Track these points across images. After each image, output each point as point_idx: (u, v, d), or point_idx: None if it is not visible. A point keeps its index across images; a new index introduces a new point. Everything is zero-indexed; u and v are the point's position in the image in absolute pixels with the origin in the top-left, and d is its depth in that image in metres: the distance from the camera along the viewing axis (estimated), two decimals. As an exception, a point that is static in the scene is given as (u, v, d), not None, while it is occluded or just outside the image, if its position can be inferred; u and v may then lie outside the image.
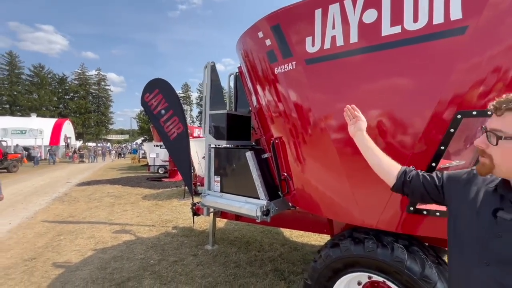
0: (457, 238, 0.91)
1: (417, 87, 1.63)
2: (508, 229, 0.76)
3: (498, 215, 0.79)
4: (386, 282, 1.83)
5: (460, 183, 0.98)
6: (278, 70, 2.29)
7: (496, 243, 0.77)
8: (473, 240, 0.84)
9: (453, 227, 0.93)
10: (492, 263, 0.77)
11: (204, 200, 3.26)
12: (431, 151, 1.58)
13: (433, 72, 1.57)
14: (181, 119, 4.90)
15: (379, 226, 1.79)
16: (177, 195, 8.17)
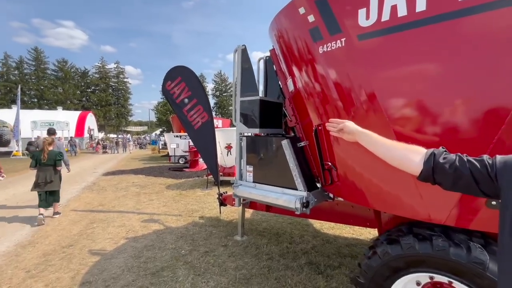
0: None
1: (499, 61, 1.37)
2: None
3: None
4: (453, 284, 1.64)
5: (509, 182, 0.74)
6: (323, 48, 2.07)
7: None
8: None
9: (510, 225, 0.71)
10: None
11: (236, 191, 3.15)
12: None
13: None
14: (205, 108, 4.79)
15: (449, 222, 1.57)
16: (199, 185, 8.21)
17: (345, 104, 1.99)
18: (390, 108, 1.71)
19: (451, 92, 1.48)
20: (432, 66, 1.56)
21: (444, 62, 1.51)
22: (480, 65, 1.40)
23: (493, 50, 1.36)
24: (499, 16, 1.33)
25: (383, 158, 1.05)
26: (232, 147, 7.59)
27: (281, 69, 3.06)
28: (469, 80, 1.43)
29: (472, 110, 1.44)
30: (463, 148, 1.49)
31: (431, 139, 1.57)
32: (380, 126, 1.77)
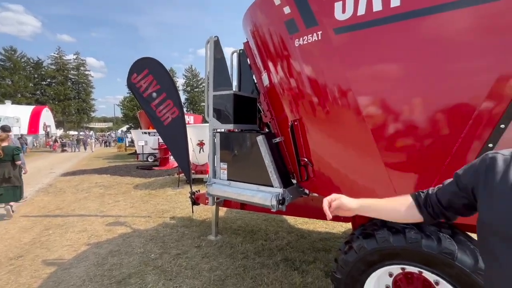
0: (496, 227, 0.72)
1: (471, 57, 1.42)
2: None
3: None
4: (423, 273, 1.70)
5: (484, 173, 0.78)
6: (299, 42, 2.02)
7: None
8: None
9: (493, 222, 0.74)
10: None
11: (210, 189, 3.02)
12: (488, 128, 1.39)
13: (492, 38, 1.35)
14: (175, 102, 4.54)
15: (420, 215, 1.62)
16: (170, 184, 7.87)
17: (321, 99, 1.96)
18: (366, 104, 1.71)
19: (426, 88, 1.51)
20: (407, 63, 1.58)
21: (419, 58, 1.53)
22: (455, 62, 1.43)
23: (466, 46, 1.40)
24: (472, 12, 1.36)
25: (388, 219, 1.05)
26: (205, 144, 7.36)
27: (255, 63, 2.97)
28: (443, 76, 1.46)
29: (444, 105, 1.48)
30: (436, 141, 1.53)
31: (406, 134, 1.60)
32: (356, 122, 1.77)
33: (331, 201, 1.05)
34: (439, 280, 1.60)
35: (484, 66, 1.38)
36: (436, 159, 1.53)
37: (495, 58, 1.34)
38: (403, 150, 1.65)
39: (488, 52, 1.36)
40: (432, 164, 1.55)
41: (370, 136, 1.72)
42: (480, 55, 1.38)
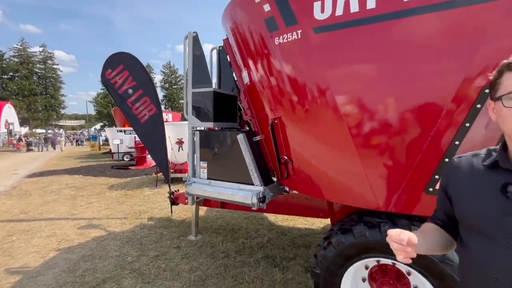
0: (469, 225, 0.81)
1: (440, 59, 1.50)
2: None
3: (509, 190, 0.70)
4: (396, 265, 1.79)
5: (455, 182, 0.87)
6: (279, 40, 2.02)
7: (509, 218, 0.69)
8: (487, 224, 0.74)
9: (462, 217, 0.83)
10: (505, 242, 0.70)
11: (189, 189, 2.95)
12: (455, 127, 1.48)
13: (460, 42, 1.44)
14: (153, 99, 4.39)
15: (394, 209, 1.70)
16: (148, 184, 7.61)
17: (301, 98, 1.98)
18: (343, 103, 1.75)
19: (399, 88, 1.58)
20: (382, 63, 1.63)
21: (392, 60, 1.59)
22: (424, 64, 1.51)
23: (435, 49, 1.48)
24: (440, 17, 1.44)
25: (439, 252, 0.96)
26: (184, 142, 7.20)
27: (235, 61, 2.94)
28: (414, 77, 1.53)
29: (416, 105, 1.55)
30: (408, 139, 1.60)
31: (381, 132, 1.66)
32: (334, 121, 1.81)
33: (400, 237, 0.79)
34: (410, 270, 1.69)
35: (451, 68, 1.46)
36: (409, 156, 1.61)
37: (460, 61, 1.42)
38: (379, 147, 1.71)
39: (454, 56, 1.44)
40: (405, 161, 1.63)
41: (348, 134, 1.76)
42: (447, 58, 1.46)
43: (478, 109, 1.43)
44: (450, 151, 1.51)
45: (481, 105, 1.42)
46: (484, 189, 0.78)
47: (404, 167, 1.64)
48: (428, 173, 1.57)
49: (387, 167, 1.69)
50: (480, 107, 1.42)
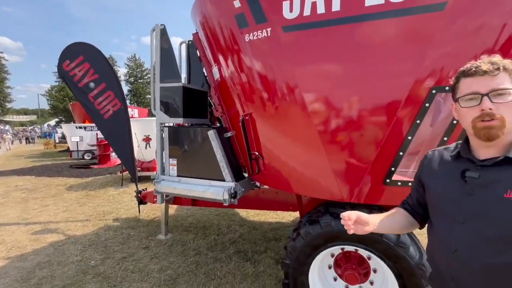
0: (436, 207, 0.96)
1: (395, 62, 1.65)
2: (477, 186, 0.82)
3: (466, 175, 0.85)
4: (359, 251, 1.93)
5: (426, 171, 1.01)
6: (249, 37, 2.04)
7: (468, 201, 0.83)
8: (450, 204, 0.88)
9: (431, 200, 0.98)
10: (468, 219, 0.83)
11: (158, 187, 2.86)
12: (408, 123, 1.64)
13: (412, 47, 1.59)
14: (117, 94, 4.15)
15: (356, 200, 1.83)
16: (113, 183, 7.20)
17: (271, 95, 2.03)
18: (311, 100, 1.83)
19: (360, 88, 1.69)
20: (345, 64, 1.74)
21: (354, 61, 1.70)
22: (382, 65, 1.63)
23: (390, 52, 1.61)
24: (396, 23, 1.57)
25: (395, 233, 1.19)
26: (151, 139, 6.92)
27: (205, 56, 2.90)
28: (374, 78, 1.65)
29: (376, 103, 1.68)
30: (369, 135, 1.73)
31: (345, 129, 1.76)
32: (302, 118, 1.88)
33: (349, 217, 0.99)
34: (371, 255, 1.84)
35: (404, 70, 1.61)
36: (368, 150, 1.74)
37: (412, 64, 1.57)
38: (342, 143, 1.82)
39: (407, 59, 1.59)
40: (365, 155, 1.76)
41: (315, 130, 1.85)
42: (401, 61, 1.61)
43: (427, 107, 1.60)
44: (404, 145, 1.66)
45: (429, 104, 1.59)
46: (449, 175, 0.91)
47: (365, 161, 1.77)
48: (386, 166, 1.72)
49: (349, 161, 1.81)
50: (428, 106, 1.59)
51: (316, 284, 2.01)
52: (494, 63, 0.80)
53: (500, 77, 0.79)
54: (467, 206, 0.83)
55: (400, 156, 1.68)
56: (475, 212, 0.81)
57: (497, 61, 0.80)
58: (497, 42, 1.47)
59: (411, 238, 1.71)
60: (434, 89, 1.57)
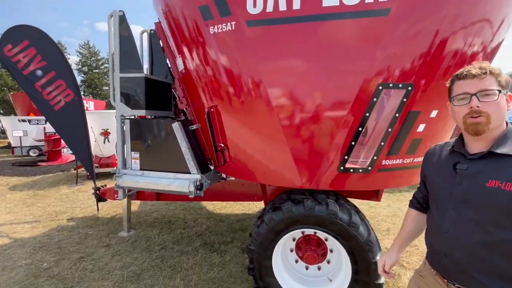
0: (433, 195, 1.12)
1: (349, 60, 1.81)
2: (465, 176, 0.97)
3: (457, 167, 1.00)
4: (317, 233, 2.11)
5: (427, 164, 1.19)
6: (214, 29, 2.06)
7: (457, 189, 0.98)
8: (444, 192, 1.03)
9: (430, 189, 1.15)
10: (457, 205, 0.97)
11: (119, 181, 2.75)
12: (359, 116, 1.82)
13: (362, 47, 1.76)
14: (70, 83, 3.84)
15: (315, 187, 1.98)
16: (66, 181, 6.63)
17: (236, 88, 2.08)
18: (274, 95, 1.92)
19: (318, 83, 1.83)
20: (305, 61, 1.85)
21: (313, 58, 1.82)
22: (337, 62, 1.78)
23: (343, 51, 1.76)
24: (349, 24, 1.72)
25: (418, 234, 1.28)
26: (110, 133, 6.50)
27: (169, 46, 2.82)
28: (330, 74, 1.79)
29: (333, 98, 1.83)
30: (327, 127, 1.88)
31: (306, 123, 1.89)
32: (266, 112, 1.97)
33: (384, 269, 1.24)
34: (328, 236, 2.02)
35: (356, 68, 1.77)
36: (325, 141, 1.89)
37: (362, 62, 1.75)
38: (303, 135, 1.95)
39: (358, 58, 1.76)
40: (323, 146, 1.91)
41: (278, 123, 1.95)
42: (353, 59, 1.77)
43: (375, 102, 1.79)
44: (355, 136, 1.85)
45: (376, 99, 1.79)
46: (444, 167, 1.06)
47: (322, 151, 1.93)
48: (340, 155, 1.89)
49: (309, 151, 1.95)
50: (376, 101, 1.79)
51: (279, 267, 2.15)
52: (482, 68, 0.94)
53: (487, 80, 0.92)
54: (457, 194, 0.97)
55: (352, 146, 1.87)
56: (462, 198, 0.96)
57: (485, 66, 0.94)
58: (432, 45, 1.71)
59: (361, 219, 1.92)
60: (381, 85, 1.76)
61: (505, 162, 0.90)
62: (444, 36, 1.70)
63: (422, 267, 1.17)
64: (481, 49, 1.84)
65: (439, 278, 1.05)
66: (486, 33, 1.81)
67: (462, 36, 1.73)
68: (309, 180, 1.98)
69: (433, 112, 1.90)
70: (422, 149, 1.98)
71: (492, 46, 1.91)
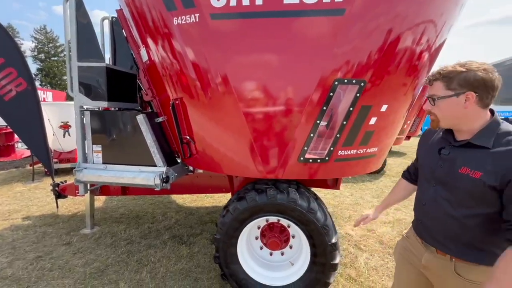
0: (421, 173, 1.32)
1: (308, 56, 1.91)
2: (446, 160, 1.13)
3: (441, 152, 1.16)
4: (280, 221, 2.23)
5: (421, 144, 1.37)
6: (177, 20, 2.04)
7: (439, 171, 1.15)
8: (428, 172, 1.22)
9: (419, 166, 1.35)
10: (436, 184, 1.16)
11: (80, 176, 2.63)
12: (316, 110, 1.94)
13: (319, 44, 1.87)
14: (21, 71, 3.53)
15: (277, 176, 2.09)
16: (20, 178, 6.13)
17: (200, 81, 2.09)
18: (238, 89, 1.96)
19: (280, 77, 1.90)
20: (268, 56, 1.92)
21: (275, 53, 1.89)
22: (298, 58, 1.87)
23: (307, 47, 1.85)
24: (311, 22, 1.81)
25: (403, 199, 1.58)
26: (71, 126, 6.10)
27: (132, 36, 2.73)
28: (292, 69, 1.88)
29: (294, 92, 1.92)
30: (288, 120, 1.97)
31: (270, 117, 1.97)
32: (230, 105, 2.01)
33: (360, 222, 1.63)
34: (290, 223, 2.15)
35: (315, 63, 1.88)
36: (287, 134, 1.99)
37: (320, 58, 1.86)
38: (266, 127, 2.03)
39: (317, 54, 1.86)
40: (284, 138, 2.01)
41: (242, 117, 2.01)
42: (313, 55, 1.87)
43: (331, 96, 1.92)
44: (313, 128, 1.97)
45: (332, 93, 1.92)
46: (432, 150, 1.22)
47: (283, 143, 2.03)
48: (300, 147, 2.01)
49: (271, 143, 2.04)
50: (332, 95, 1.92)
51: (244, 254, 2.24)
52: (433, 74, 1.08)
53: (435, 85, 1.08)
54: (437, 175, 1.15)
55: (311, 138, 1.99)
56: (441, 180, 1.14)
57: (440, 71, 1.07)
58: (383, 44, 1.86)
59: (319, 205, 2.07)
60: (337, 81, 1.89)
61: (478, 152, 1.03)
62: (394, 36, 1.86)
63: (409, 230, 1.39)
64: (426, 47, 2.03)
65: (415, 235, 1.30)
66: (431, 33, 2.00)
67: (410, 35, 1.90)
68: (272, 170, 2.07)
69: (383, 106, 2.08)
70: (374, 140, 2.17)
71: (436, 45, 2.13)
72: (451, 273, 1.11)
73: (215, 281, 2.44)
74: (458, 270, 1.09)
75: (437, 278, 1.18)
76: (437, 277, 1.18)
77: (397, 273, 1.41)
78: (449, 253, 1.11)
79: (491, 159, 0.99)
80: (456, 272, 1.09)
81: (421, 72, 2.15)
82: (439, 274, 1.16)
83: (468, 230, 1.06)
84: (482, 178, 0.98)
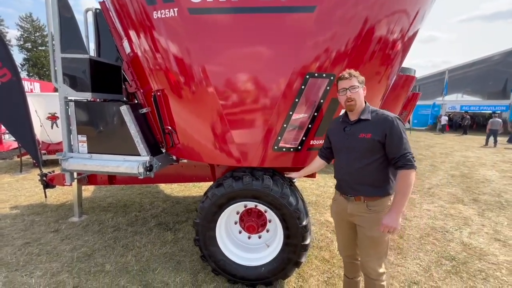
0: (334, 147, 1.86)
1: (281, 51, 2.02)
2: (349, 134, 1.70)
3: (345, 130, 1.73)
4: (258, 206, 2.37)
5: (330, 131, 1.91)
6: (157, 14, 2.11)
7: (346, 142, 1.71)
8: (341, 145, 1.77)
9: (332, 144, 1.88)
10: (347, 150, 1.71)
11: (66, 164, 2.71)
12: (289, 102, 2.06)
13: (292, 40, 1.98)
14: (5, 61, 3.57)
15: (253, 164, 2.22)
16: (8, 169, 6.12)
17: (180, 74, 2.18)
18: (216, 81, 2.06)
19: (256, 71, 2.01)
20: (244, 49, 2.02)
21: (252, 48, 1.99)
22: (274, 52, 1.98)
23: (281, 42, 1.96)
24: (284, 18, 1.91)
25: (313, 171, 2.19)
26: (58, 117, 6.08)
27: (115, 28, 2.78)
28: (267, 63, 1.99)
29: (269, 85, 2.03)
30: (263, 112, 2.09)
31: (245, 107, 2.08)
32: (209, 98, 2.11)
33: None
34: (267, 209, 2.29)
35: (288, 58, 1.99)
36: (262, 125, 2.12)
37: (293, 53, 1.97)
38: (242, 119, 2.14)
39: (290, 48, 1.97)
40: (260, 129, 2.13)
41: (220, 109, 2.12)
42: (286, 50, 1.98)
43: (303, 89, 2.04)
44: (287, 119, 2.10)
45: (304, 86, 2.04)
46: (339, 131, 1.77)
47: (259, 133, 2.15)
48: (274, 136, 2.14)
49: (248, 133, 2.16)
50: (303, 88, 2.04)
51: (222, 237, 2.38)
52: (350, 74, 1.67)
53: (352, 80, 1.66)
54: (346, 144, 1.70)
55: (284, 128, 2.12)
56: (348, 147, 1.69)
57: (352, 72, 1.68)
58: (351, 40, 1.99)
59: (292, 191, 2.21)
60: (308, 75, 2.02)
61: (365, 123, 1.66)
62: (362, 33, 1.98)
63: (335, 195, 1.89)
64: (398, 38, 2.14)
65: (340, 195, 1.81)
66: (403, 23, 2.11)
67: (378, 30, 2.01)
68: (248, 159, 2.20)
69: (353, 99, 2.22)
70: (344, 131, 2.30)
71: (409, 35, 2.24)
72: (366, 210, 1.66)
73: (196, 263, 2.60)
74: (369, 206, 1.64)
75: (358, 218, 1.70)
76: (358, 217, 1.70)
77: (336, 228, 1.94)
78: (362, 195, 1.65)
79: (372, 126, 1.62)
80: (368, 208, 1.65)
81: (392, 64, 2.28)
82: (359, 215, 1.69)
83: (370, 173, 1.63)
84: (372, 137, 1.59)
